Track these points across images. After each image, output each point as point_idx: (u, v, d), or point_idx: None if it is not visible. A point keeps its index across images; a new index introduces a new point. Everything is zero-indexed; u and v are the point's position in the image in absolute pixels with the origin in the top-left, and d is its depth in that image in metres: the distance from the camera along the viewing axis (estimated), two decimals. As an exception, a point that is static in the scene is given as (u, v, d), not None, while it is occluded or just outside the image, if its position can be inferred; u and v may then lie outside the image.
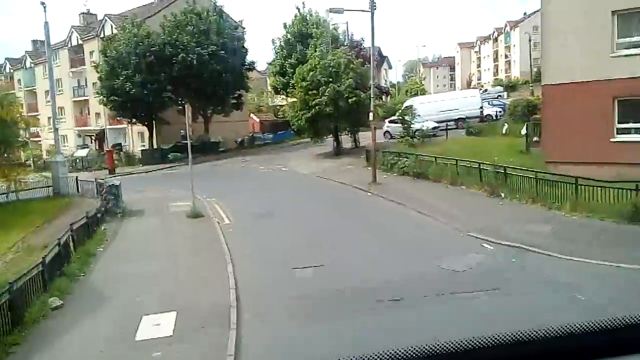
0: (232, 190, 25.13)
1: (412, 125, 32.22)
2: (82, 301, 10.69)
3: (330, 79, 32.08)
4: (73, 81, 58.25)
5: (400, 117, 32.13)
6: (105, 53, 40.32)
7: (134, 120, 43.66)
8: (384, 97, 52.22)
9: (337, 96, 31.49)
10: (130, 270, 12.37)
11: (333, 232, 15.71)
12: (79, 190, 25.78)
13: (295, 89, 34.73)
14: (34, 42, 70.80)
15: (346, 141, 35.80)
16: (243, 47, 44.48)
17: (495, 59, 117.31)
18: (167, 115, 43.99)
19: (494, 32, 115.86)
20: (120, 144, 51.78)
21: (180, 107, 42.66)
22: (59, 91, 60.76)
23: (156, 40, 39.77)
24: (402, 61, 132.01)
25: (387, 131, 39.06)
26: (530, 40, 63.51)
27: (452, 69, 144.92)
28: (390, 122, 39.25)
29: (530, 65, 68.25)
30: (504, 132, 31.84)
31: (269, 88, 68.47)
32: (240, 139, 48.94)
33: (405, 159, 24.81)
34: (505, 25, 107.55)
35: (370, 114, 23.92)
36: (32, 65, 64.01)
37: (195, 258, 13.10)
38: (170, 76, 40.56)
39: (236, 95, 44.77)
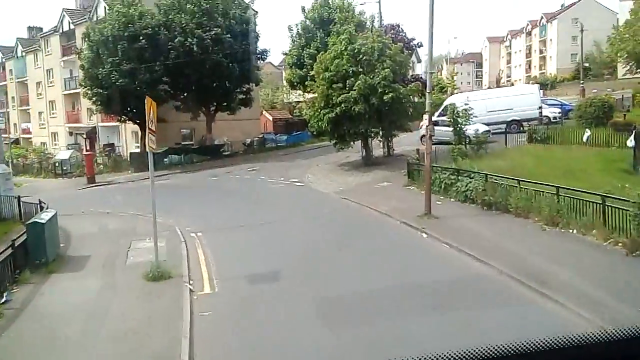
0: (227, 218, 18.38)
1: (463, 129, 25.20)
2: None
3: (361, 69, 25.17)
4: (65, 72, 51.88)
5: (451, 118, 25.01)
6: (88, 36, 33.78)
7: (123, 117, 37.14)
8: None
9: (369, 91, 24.58)
10: None
11: (382, 327, 8.82)
12: (22, 214, 19.15)
13: (315, 81, 27.81)
14: (30, 28, 64.97)
15: (376, 147, 28.86)
16: (254, 31, 37.61)
17: (528, 54, 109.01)
18: (163, 111, 37.32)
19: (528, 25, 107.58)
20: (113, 144, 45.35)
21: (178, 103, 36.24)
22: (50, 83, 54.63)
23: (150, 22, 33.08)
24: (426, 55, 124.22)
25: (424, 135, 32.11)
26: (582, 31, 55.69)
27: (479, 65, 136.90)
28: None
29: (581, 59, 60.32)
30: (585, 140, 24.60)
31: (285, 82, 61.91)
32: (249, 141, 42.19)
33: (469, 179, 17.79)
34: (542, 18, 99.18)
35: (425, 117, 16.85)
36: (24, 54, 57.86)
37: None
38: (166, 65, 33.91)
39: (244, 89, 38.00)
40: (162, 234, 15.75)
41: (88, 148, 48.96)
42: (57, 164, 37.25)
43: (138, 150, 38.73)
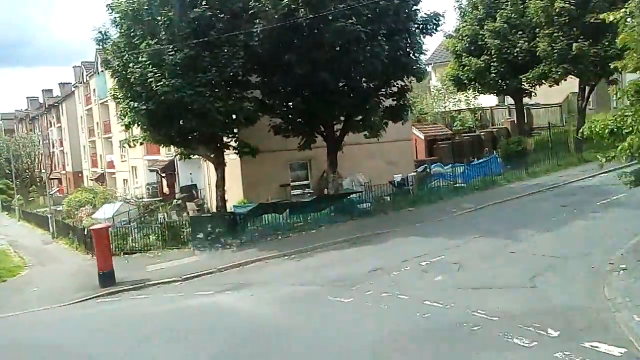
0: None
1: None
2: None
3: None
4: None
5: None
6: (114, 10, 18.78)
7: (182, 150, 21.87)
8: None
9: None
10: None
11: None
12: None
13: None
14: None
15: None
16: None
17: None
18: (254, 135, 21.54)
19: None
20: (194, 187, 30.56)
21: (278, 121, 20.17)
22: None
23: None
24: None
25: None
26: None
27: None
28: None
29: None
30: None
31: (435, 83, 44.04)
32: (399, 179, 24.82)
33: None
34: None
35: None
36: (103, 68, 46.06)
37: None
38: (251, 51, 18.02)
39: (396, 89, 20.76)
40: None
41: (167, 189, 35.03)
42: (84, 231, 22.65)
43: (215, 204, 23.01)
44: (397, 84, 20.42)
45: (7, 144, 58.20)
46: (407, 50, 18.92)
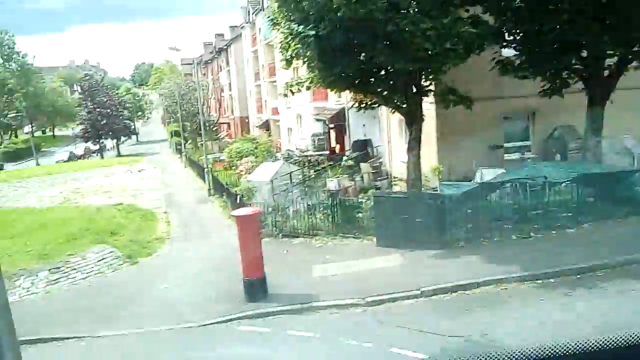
0: None
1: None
2: None
3: None
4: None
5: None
6: None
7: (368, 96, 15.70)
8: None
9: None
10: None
11: None
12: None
13: None
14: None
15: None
16: None
17: None
18: (454, 77, 14.73)
19: None
20: (369, 142, 24.69)
21: (515, 53, 13.09)
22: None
23: None
24: None
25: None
26: None
27: None
28: None
29: None
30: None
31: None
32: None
33: None
34: None
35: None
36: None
37: None
38: None
39: None
40: None
41: (336, 145, 29.74)
42: (237, 198, 17.78)
43: (403, 166, 16.69)
44: None
45: (175, 85, 57.83)
46: None
